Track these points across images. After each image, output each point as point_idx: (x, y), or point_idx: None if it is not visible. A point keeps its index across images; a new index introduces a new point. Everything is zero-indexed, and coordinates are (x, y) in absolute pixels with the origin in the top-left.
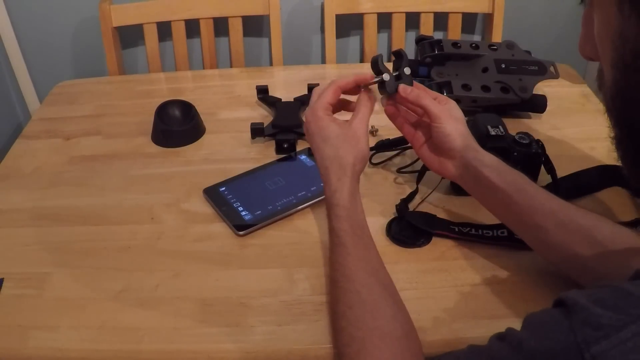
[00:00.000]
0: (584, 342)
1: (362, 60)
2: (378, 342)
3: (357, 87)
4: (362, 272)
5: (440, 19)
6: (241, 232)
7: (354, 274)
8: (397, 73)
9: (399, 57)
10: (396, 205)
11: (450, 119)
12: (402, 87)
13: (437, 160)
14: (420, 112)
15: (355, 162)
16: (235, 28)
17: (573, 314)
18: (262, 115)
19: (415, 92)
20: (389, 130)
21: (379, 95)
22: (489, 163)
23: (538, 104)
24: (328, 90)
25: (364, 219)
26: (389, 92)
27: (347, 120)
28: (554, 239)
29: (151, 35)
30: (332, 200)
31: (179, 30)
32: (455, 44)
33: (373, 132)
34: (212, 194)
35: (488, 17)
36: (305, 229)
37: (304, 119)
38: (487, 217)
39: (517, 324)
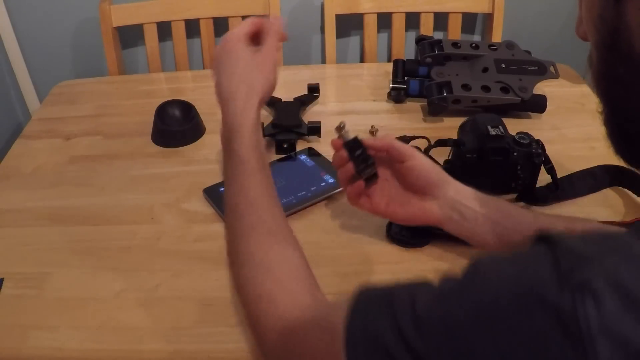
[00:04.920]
0: (568, 270)
1: (362, 60)
2: (276, 284)
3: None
4: (266, 197)
5: (440, 19)
6: None
7: (259, 198)
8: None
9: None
10: None
11: (419, 153)
12: (370, 139)
13: (416, 209)
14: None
15: (264, 90)
16: None
17: (555, 246)
18: (262, 115)
19: (380, 138)
20: (389, 131)
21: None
22: (470, 194)
23: (538, 104)
24: (246, 22)
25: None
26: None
27: (257, 48)
28: None
29: (151, 35)
30: (237, 120)
31: (179, 30)
32: (455, 44)
33: (373, 132)
34: (212, 194)
35: (488, 17)
36: (305, 229)
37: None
38: None
39: None
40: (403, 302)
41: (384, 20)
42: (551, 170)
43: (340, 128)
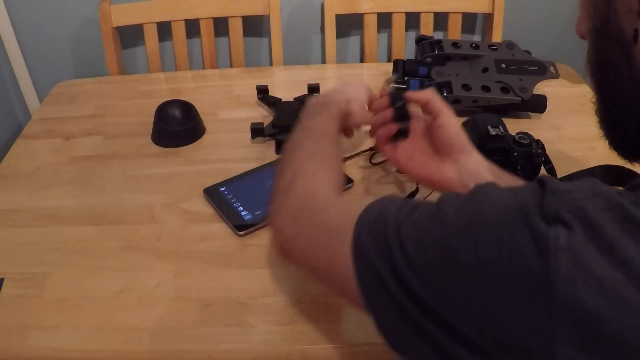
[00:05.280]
0: (546, 204)
1: (362, 60)
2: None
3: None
4: (335, 149)
5: (440, 19)
6: (241, 232)
7: (325, 144)
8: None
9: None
10: None
11: (453, 116)
12: (410, 93)
13: (434, 169)
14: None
15: (346, 116)
16: (235, 28)
17: (545, 185)
18: (262, 115)
19: (423, 91)
20: None
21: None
22: (490, 168)
23: (538, 104)
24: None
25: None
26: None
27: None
28: None
29: (151, 35)
30: (336, 105)
31: (179, 30)
32: (455, 44)
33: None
34: (212, 194)
35: (488, 17)
36: None
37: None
38: None
39: None
40: (408, 207)
41: (384, 20)
42: (551, 170)
43: (389, 81)
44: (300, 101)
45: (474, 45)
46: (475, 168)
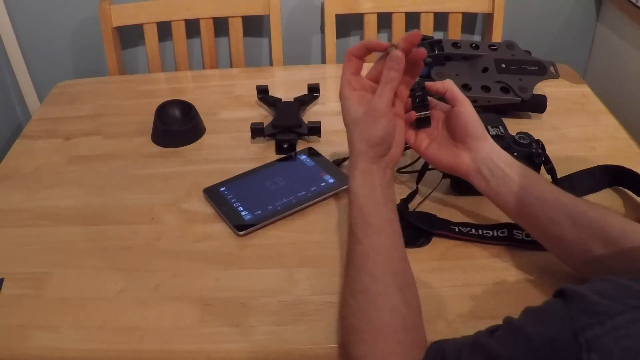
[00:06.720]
0: (579, 328)
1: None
2: (375, 333)
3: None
4: (371, 261)
5: (440, 19)
6: (241, 232)
7: (361, 264)
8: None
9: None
10: (396, 205)
11: (470, 105)
12: (429, 83)
13: (450, 155)
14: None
15: (369, 145)
16: (235, 28)
17: (571, 303)
18: (262, 115)
19: (442, 82)
20: None
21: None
22: (504, 157)
23: (538, 104)
24: (344, 63)
25: (380, 204)
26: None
27: (368, 98)
28: (566, 233)
29: (151, 35)
30: (348, 186)
31: (179, 30)
32: (455, 44)
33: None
34: (212, 194)
35: (488, 17)
36: (305, 229)
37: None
38: (487, 217)
39: None
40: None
41: (384, 20)
42: (551, 171)
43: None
44: (300, 101)
45: (474, 45)
46: (490, 155)
